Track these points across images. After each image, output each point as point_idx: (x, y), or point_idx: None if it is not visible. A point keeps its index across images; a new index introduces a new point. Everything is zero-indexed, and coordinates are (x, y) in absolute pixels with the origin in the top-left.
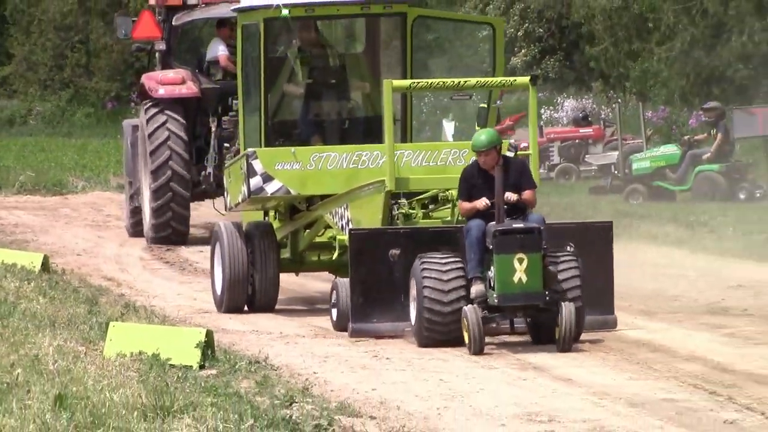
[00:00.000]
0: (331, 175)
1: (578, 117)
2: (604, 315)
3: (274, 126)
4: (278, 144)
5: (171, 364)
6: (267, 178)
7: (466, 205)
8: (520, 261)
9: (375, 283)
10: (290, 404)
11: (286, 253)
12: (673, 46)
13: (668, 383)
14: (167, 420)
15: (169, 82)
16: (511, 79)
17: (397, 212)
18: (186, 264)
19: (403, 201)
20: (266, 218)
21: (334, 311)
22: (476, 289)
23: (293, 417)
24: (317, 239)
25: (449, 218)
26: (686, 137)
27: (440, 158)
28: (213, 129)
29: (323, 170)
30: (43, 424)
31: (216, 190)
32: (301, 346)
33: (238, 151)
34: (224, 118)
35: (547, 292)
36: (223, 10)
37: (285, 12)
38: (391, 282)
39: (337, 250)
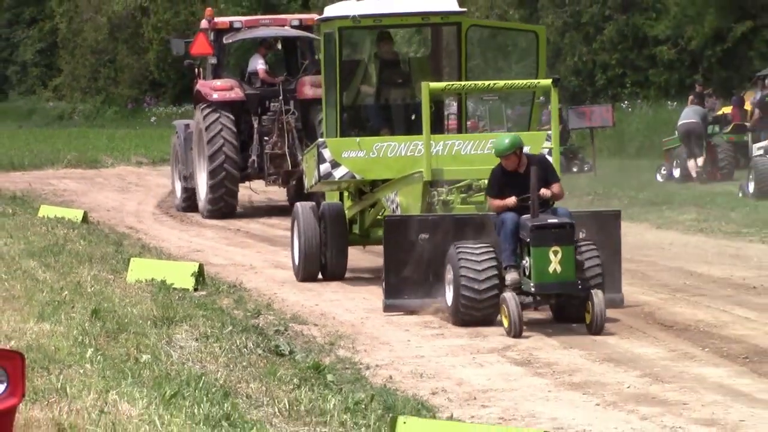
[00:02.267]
0: (391, 162)
1: None
2: (611, 294)
3: (349, 118)
4: (352, 134)
5: (174, 288)
6: (335, 165)
7: (497, 202)
8: (555, 253)
9: (406, 264)
10: (257, 315)
11: (356, 229)
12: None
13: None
14: (171, 327)
15: (221, 88)
16: (535, 81)
17: (437, 198)
18: (184, 217)
19: (443, 189)
20: (341, 199)
21: (385, 283)
22: (511, 276)
23: (260, 324)
24: (378, 217)
25: (484, 203)
26: None
27: (485, 147)
28: (255, 126)
29: (384, 157)
30: (83, 330)
31: (258, 173)
32: (263, 275)
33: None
34: (263, 117)
35: (579, 281)
36: (261, 32)
37: (358, 19)
38: (421, 263)
39: None
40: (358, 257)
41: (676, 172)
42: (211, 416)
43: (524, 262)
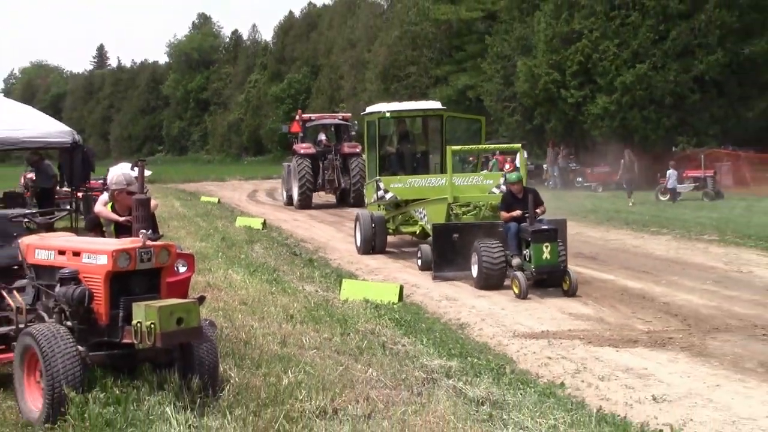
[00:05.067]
0: (417, 190)
1: None
2: None
3: (381, 165)
4: (384, 174)
5: (256, 229)
6: (386, 191)
7: (506, 214)
8: (546, 247)
9: (445, 251)
10: (293, 244)
11: (390, 227)
12: None
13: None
14: (252, 244)
15: (304, 148)
16: (511, 145)
17: (453, 213)
18: (285, 208)
19: (453, 205)
20: (381, 210)
21: (419, 261)
22: (516, 262)
23: (288, 243)
24: (406, 221)
25: (479, 215)
26: None
27: (474, 182)
28: (320, 165)
29: (412, 187)
30: (218, 245)
31: (322, 188)
32: (312, 231)
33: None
34: (324, 162)
35: (561, 264)
36: (323, 121)
37: (387, 115)
38: (454, 251)
39: (418, 229)
40: (390, 241)
41: None
42: (267, 279)
43: (525, 252)
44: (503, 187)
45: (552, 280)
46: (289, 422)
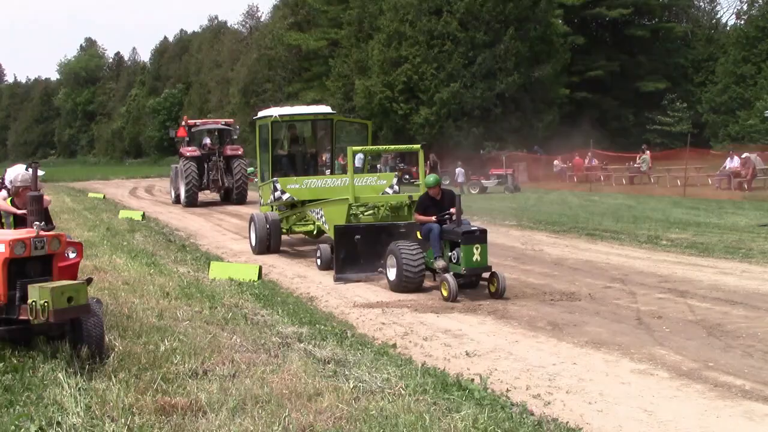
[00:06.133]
0: (312, 191)
1: None
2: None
3: (273, 167)
4: (277, 176)
5: (138, 220)
6: (283, 192)
7: (422, 217)
8: (477, 249)
9: (347, 252)
10: (169, 232)
11: (285, 227)
12: None
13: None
14: (133, 233)
15: (190, 151)
16: (410, 146)
17: (351, 213)
18: (174, 206)
19: (353, 206)
20: (273, 210)
21: (318, 260)
22: (440, 263)
23: (166, 233)
24: (299, 222)
25: (377, 216)
26: None
27: (368, 183)
28: (205, 167)
29: (308, 188)
30: (103, 234)
31: (207, 187)
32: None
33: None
34: (209, 163)
35: (490, 265)
36: (208, 126)
37: (279, 118)
38: (356, 252)
39: (313, 228)
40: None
41: None
42: (146, 262)
43: (451, 254)
44: (396, 187)
45: (471, 282)
46: (166, 383)
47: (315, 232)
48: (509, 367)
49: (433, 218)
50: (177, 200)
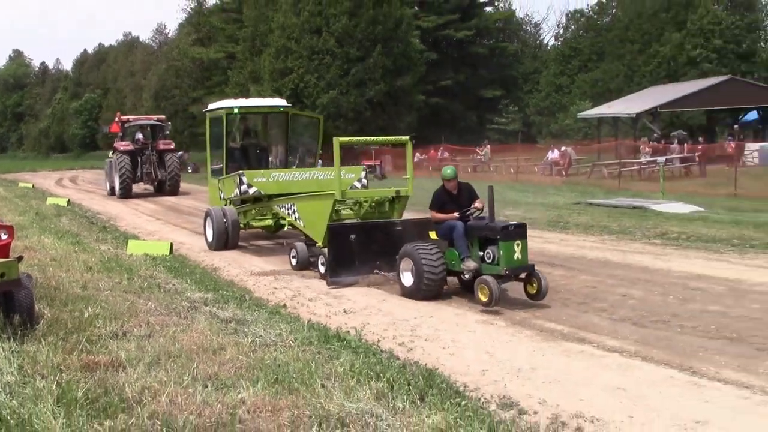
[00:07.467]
0: (280, 184)
1: None
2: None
3: (228, 161)
4: (231, 170)
5: (66, 206)
6: (249, 186)
7: (440, 215)
8: (517, 245)
9: (342, 253)
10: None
11: (243, 221)
12: None
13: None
14: (59, 217)
15: (123, 146)
16: (399, 138)
17: (333, 210)
18: (108, 198)
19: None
20: (228, 205)
21: (294, 260)
22: (467, 264)
23: (94, 220)
24: (259, 215)
25: (359, 212)
26: None
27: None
28: (139, 160)
29: (276, 181)
30: (33, 218)
31: (141, 180)
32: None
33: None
34: (143, 157)
35: (533, 264)
36: (141, 122)
37: (236, 110)
38: (351, 253)
39: (271, 223)
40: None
41: None
42: (71, 241)
43: (483, 253)
44: (364, 181)
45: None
46: (90, 344)
47: (274, 228)
48: (379, 321)
49: (455, 215)
50: (112, 192)
